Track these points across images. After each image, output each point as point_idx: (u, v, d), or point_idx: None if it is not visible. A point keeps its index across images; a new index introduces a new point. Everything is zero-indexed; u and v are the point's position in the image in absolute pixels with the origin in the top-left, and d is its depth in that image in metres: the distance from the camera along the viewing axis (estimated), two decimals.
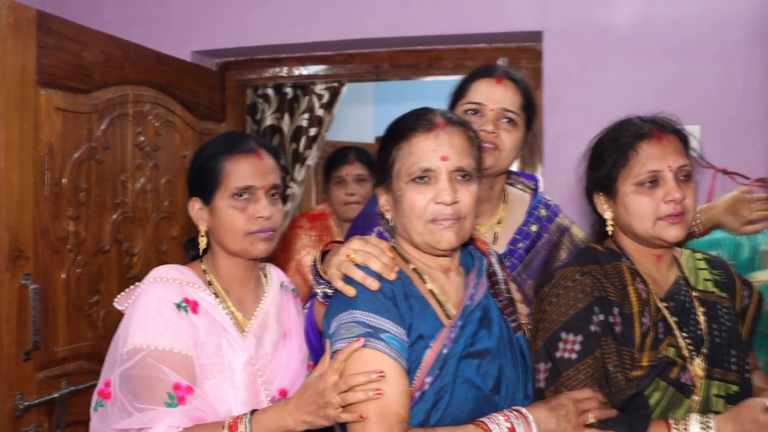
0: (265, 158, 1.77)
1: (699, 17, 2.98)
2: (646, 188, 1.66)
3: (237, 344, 1.71)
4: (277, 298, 1.87)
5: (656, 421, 1.58)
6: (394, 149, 1.56)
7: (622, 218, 1.72)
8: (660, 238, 1.68)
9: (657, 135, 1.67)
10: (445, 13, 3.22)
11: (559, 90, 3.11)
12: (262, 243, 1.75)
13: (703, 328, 1.70)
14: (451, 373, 1.49)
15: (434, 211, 1.52)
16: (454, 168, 1.52)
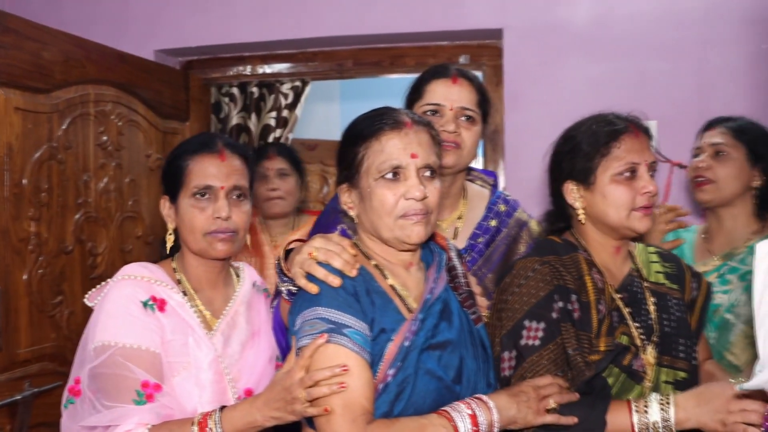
0: (228, 159, 1.78)
1: (654, 15, 3.05)
2: (625, 179, 1.72)
3: (203, 342, 1.72)
4: (248, 298, 1.88)
5: (617, 401, 1.64)
6: (361, 147, 1.58)
7: (596, 207, 1.77)
8: (632, 228, 1.74)
9: (635, 130, 1.75)
10: (408, 11, 3.25)
11: (520, 86, 3.16)
12: (220, 243, 1.76)
13: (654, 318, 1.77)
14: (412, 365, 1.52)
15: (404, 206, 1.55)
16: (422, 165, 1.57)
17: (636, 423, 1.59)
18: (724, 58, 3.00)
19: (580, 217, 1.80)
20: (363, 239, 1.67)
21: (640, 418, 1.59)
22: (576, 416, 1.60)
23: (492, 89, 3.26)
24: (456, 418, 1.48)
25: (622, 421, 1.60)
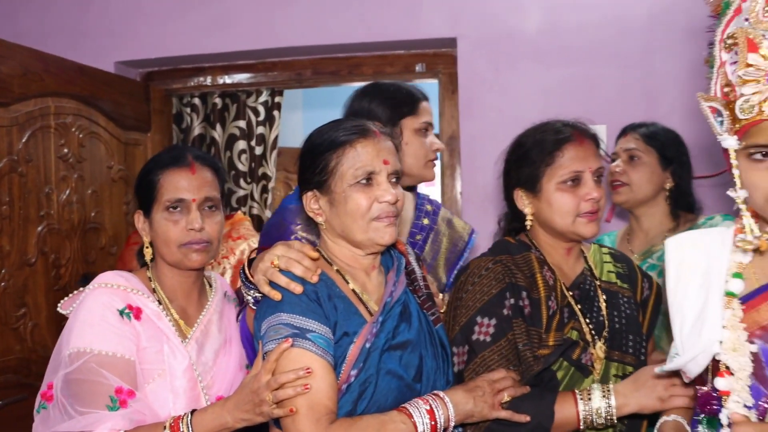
0: (199, 171, 1.83)
1: (601, 24, 3.17)
2: (569, 187, 1.80)
3: (178, 350, 1.76)
4: (221, 307, 1.93)
5: (563, 392, 1.73)
6: (333, 155, 1.64)
7: (544, 213, 1.85)
8: (577, 234, 1.82)
9: (579, 138, 1.82)
10: (364, 21, 3.33)
11: (474, 94, 3.25)
12: (195, 254, 1.81)
13: (605, 314, 1.85)
14: (374, 366, 1.59)
15: (378, 209, 1.63)
16: (392, 171, 1.66)
17: (581, 411, 1.68)
18: (667, 65, 3.13)
19: (528, 223, 1.88)
20: (327, 245, 1.73)
21: (585, 406, 1.68)
22: (526, 409, 1.68)
23: (448, 96, 3.36)
24: (414, 414, 1.56)
25: (569, 410, 1.69)
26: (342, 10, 3.34)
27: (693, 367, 1.45)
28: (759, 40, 1.30)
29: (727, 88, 1.37)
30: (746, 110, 1.32)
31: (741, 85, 1.32)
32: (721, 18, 1.39)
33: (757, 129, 1.32)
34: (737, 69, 1.33)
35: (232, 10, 3.44)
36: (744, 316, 1.41)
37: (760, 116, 1.31)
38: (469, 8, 3.26)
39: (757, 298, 1.42)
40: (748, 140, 1.34)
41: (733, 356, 1.39)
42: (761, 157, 1.33)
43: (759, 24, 1.31)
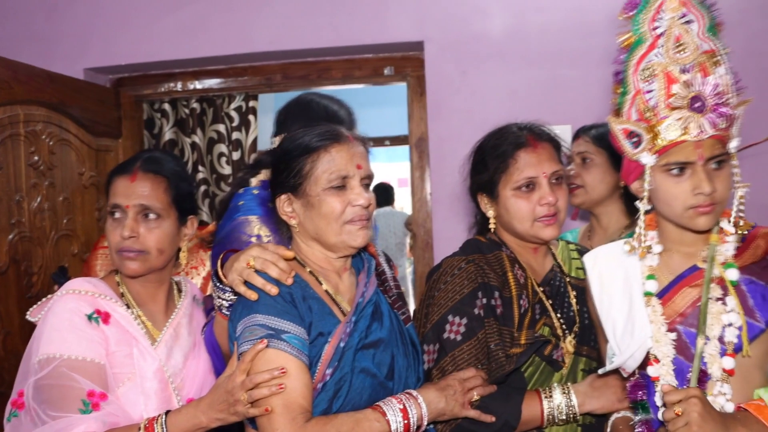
0: (140, 179, 1.81)
1: (564, 26, 3.24)
2: (524, 192, 1.85)
3: (148, 353, 1.77)
4: (190, 311, 1.94)
5: (529, 392, 1.79)
6: (308, 159, 1.68)
7: (503, 218, 1.91)
8: (537, 237, 1.87)
9: (533, 143, 1.86)
10: (333, 26, 3.37)
11: (442, 96, 3.31)
12: (128, 262, 1.80)
13: (575, 310, 1.91)
14: (348, 364, 1.64)
15: (351, 212, 1.68)
16: (365, 175, 1.71)
17: (546, 408, 1.75)
18: None
19: (492, 226, 1.93)
20: (299, 247, 1.76)
21: (548, 404, 1.75)
22: (495, 408, 1.73)
23: (416, 99, 3.41)
24: (388, 412, 1.60)
25: (534, 408, 1.76)
26: (311, 16, 3.38)
27: (632, 363, 1.62)
28: (676, 73, 1.53)
29: (648, 113, 1.55)
30: (671, 132, 1.53)
31: (668, 111, 1.52)
32: (633, 51, 1.58)
33: (678, 149, 1.53)
34: (660, 97, 1.53)
35: (202, 15, 3.46)
36: (663, 309, 1.62)
37: (682, 137, 1.52)
38: (435, 12, 3.32)
39: (670, 292, 1.64)
40: (669, 158, 1.55)
41: (657, 346, 1.60)
42: (679, 173, 1.55)
43: (672, 59, 1.53)
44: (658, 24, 1.56)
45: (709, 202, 1.53)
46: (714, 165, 1.54)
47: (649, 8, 1.57)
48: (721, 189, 1.54)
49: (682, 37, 1.54)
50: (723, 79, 1.54)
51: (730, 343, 1.54)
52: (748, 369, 1.56)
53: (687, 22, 1.55)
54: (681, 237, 1.65)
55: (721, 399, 1.54)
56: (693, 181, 1.53)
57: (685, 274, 1.64)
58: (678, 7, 1.55)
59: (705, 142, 1.52)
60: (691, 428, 1.42)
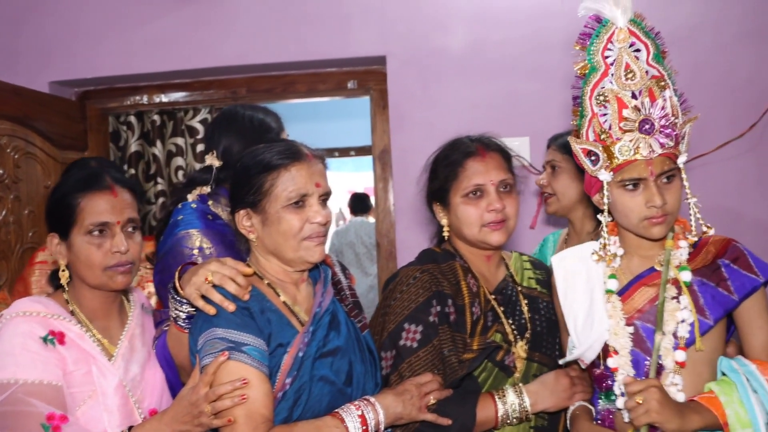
0: (120, 194, 1.83)
1: (522, 40, 3.33)
2: (472, 199, 1.93)
3: (107, 369, 1.77)
4: (141, 320, 1.95)
5: (483, 394, 1.86)
6: (268, 177, 1.73)
7: (454, 225, 1.99)
8: (485, 242, 1.94)
9: (482, 153, 1.95)
10: (297, 40, 3.43)
11: (404, 109, 3.38)
12: (120, 276, 1.82)
13: (527, 318, 1.99)
14: (307, 373, 1.70)
15: (309, 230, 1.73)
16: (323, 193, 1.77)
17: (500, 409, 1.83)
18: None
19: (445, 234, 2.01)
20: (258, 260, 1.81)
21: (502, 405, 1.83)
22: (450, 411, 1.80)
23: (379, 112, 3.49)
24: (347, 419, 1.66)
25: (489, 410, 1.83)
26: (276, 31, 3.44)
27: (590, 354, 1.78)
28: (627, 99, 1.68)
29: (604, 135, 1.70)
30: (624, 152, 1.68)
31: (621, 133, 1.68)
32: (588, 78, 1.73)
33: (632, 166, 1.69)
34: (613, 121, 1.68)
35: (168, 30, 3.49)
36: (622, 306, 1.77)
37: (634, 157, 1.68)
38: (397, 28, 3.40)
39: (630, 290, 1.80)
40: (624, 175, 1.70)
41: (616, 339, 1.75)
42: (633, 188, 1.70)
43: (623, 86, 1.69)
44: (609, 53, 1.71)
45: (661, 213, 1.69)
46: (665, 179, 1.70)
47: (600, 39, 1.72)
48: (671, 201, 1.70)
49: (631, 65, 1.69)
50: (669, 101, 1.69)
51: (683, 337, 1.69)
52: (698, 362, 1.71)
53: (635, 50, 1.70)
54: (639, 243, 1.80)
55: (673, 389, 1.68)
56: (646, 195, 1.69)
57: (643, 275, 1.79)
58: (627, 37, 1.70)
59: (655, 159, 1.67)
60: (650, 415, 1.57)
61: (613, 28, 1.71)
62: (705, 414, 1.62)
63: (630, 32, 1.70)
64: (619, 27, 1.70)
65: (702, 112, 3.17)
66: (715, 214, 3.12)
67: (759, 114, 3.11)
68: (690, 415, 1.61)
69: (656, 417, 1.57)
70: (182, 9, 3.49)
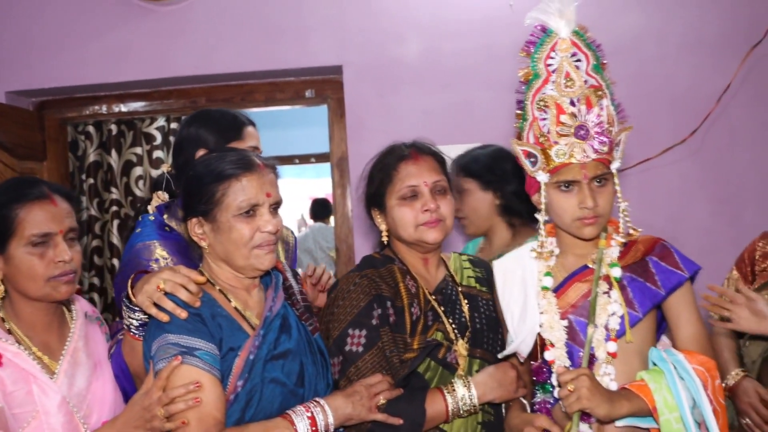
0: (59, 203, 1.82)
1: (474, 51, 3.43)
2: (407, 201, 1.99)
3: (48, 388, 1.74)
4: (84, 331, 1.91)
5: (432, 390, 1.91)
6: (220, 187, 1.76)
7: (392, 228, 2.04)
8: (422, 241, 2.00)
9: (414, 156, 2.02)
10: (255, 50, 3.49)
11: (361, 117, 3.46)
12: (64, 286, 1.80)
13: (467, 316, 2.03)
14: (258, 375, 1.74)
15: (259, 238, 1.77)
16: (273, 202, 1.81)
17: (449, 403, 1.88)
18: None
19: (384, 239, 2.07)
20: (210, 267, 1.85)
21: (452, 399, 1.88)
22: (401, 409, 1.84)
23: (336, 120, 3.57)
24: (296, 420, 1.71)
25: (438, 405, 1.88)
26: (235, 41, 3.49)
27: (524, 347, 1.89)
28: (565, 105, 1.78)
29: (542, 138, 1.80)
30: (560, 155, 1.79)
31: (557, 137, 1.78)
32: (531, 84, 1.84)
33: (567, 169, 1.79)
34: (552, 125, 1.78)
35: (127, 40, 3.52)
36: (557, 301, 1.88)
37: (569, 160, 1.78)
38: (353, 38, 3.47)
39: (564, 286, 1.90)
40: (559, 177, 1.80)
41: (551, 332, 1.85)
42: (567, 189, 1.81)
43: (562, 93, 1.79)
44: (551, 62, 1.82)
45: (593, 214, 1.79)
46: (597, 183, 1.80)
47: (544, 48, 1.83)
48: (602, 203, 1.80)
49: (571, 73, 1.79)
50: (606, 110, 1.79)
51: (614, 329, 1.80)
52: (628, 353, 1.81)
53: (576, 60, 1.81)
54: (574, 242, 1.90)
55: (606, 378, 1.78)
56: (579, 197, 1.79)
57: (577, 272, 1.89)
58: (569, 47, 1.81)
59: (589, 163, 1.78)
60: (581, 401, 1.66)
61: (556, 38, 1.81)
62: (635, 400, 1.71)
63: (572, 43, 1.81)
64: (562, 37, 1.81)
65: (646, 119, 3.37)
66: (659, 215, 3.30)
67: (699, 120, 3.26)
68: (619, 400, 1.70)
69: (587, 403, 1.66)
70: (141, 19, 3.52)
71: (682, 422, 1.69)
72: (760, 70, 3.30)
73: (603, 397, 1.68)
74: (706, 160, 3.35)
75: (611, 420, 1.71)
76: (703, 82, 3.33)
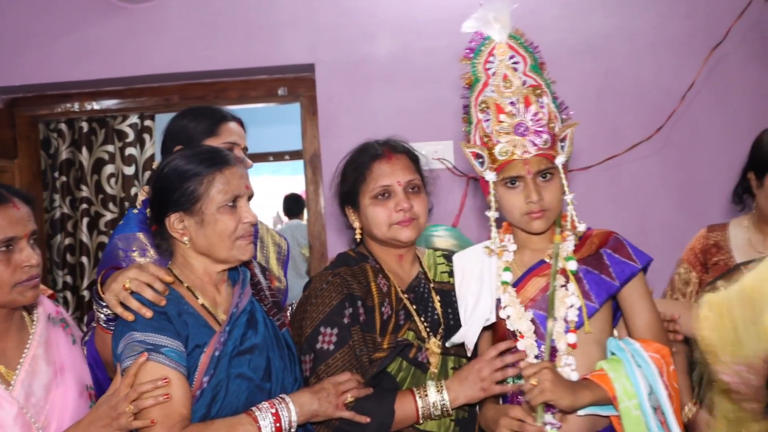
0: (20, 207, 1.80)
1: (445, 49, 3.44)
2: (380, 200, 2.01)
3: (4, 399, 1.72)
4: (45, 336, 1.88)
5: (402, 391, 1.91)
6: (204, 180, 1.80)
7: (366, 226, 2.06)
8: (395, 239, 2.02)
9: (388, 155, 2.03)
10: (229, 48, 3.51)
11: (333, 114, 3.49)
12: (30, 291, 1.79)
13: (439, 313, 2.04)
14: (224, 371, 1.77)
15: (242, 229, 1.82)
16: (251, 194, 1.89)
17: (420, 406, 1.88)
18: None
19: (358, 236, 2.09)
20: (183, 262, 1.87)
21: (422, 402, 1.89)
22: (369, 408, 1.85)
23: (309, 118, 3.60)
24: (259, 417, 1.74)
25: (408, 407, 1.88)
26: (208, 39, 3.50)
27: (471, 336, 1.94)
28: (504, 105, 1.86)
29: (486, 138, 1.87)
30: (503, 153, 1.85)
31: (498, 136, 1.85)
32: (473, 88, 1.93)
33: (510, 166, 1.85)
34: (493, 125, 1.85)
35: (100, 38, 3.52)
36: (517, 295, 1.92)
37: (511, 157, 1.84)
38: (325, 36, 3.50)
39: (522, 281, 1.95)
40: (504, 174, 1.87)
41: (520, 323, 1.90)
42: (513, 185, 1.87)
43: (501, 94, 1.87)
44: (490, 66, 1.90)
45: (539, 208, 1.84)
46: (542, 178, 1.86)
47: (482, 53, 1.92)
48: (548, 197, 1.86)
49: (509, 75, 1.87)
50: (547, 107, 1.86)
51: (572, 321, 1.85)
52: (587, 343, 1.87)
53: (514, 63, 1.88)
54: (529, 238, 1.96)
55: (567, 369, 1.83)
56: (525, 192, 1.85)
57: (534, 267, 1.94)
58: (506, 51, 1.88)
59: (531, 159, 1.84)
60: (545, 394, 1.71)
61: (494, 43, 1.89)
62: (595, 390, 1.77)
63: (509, 46, 1.88)
64: (499, 42, 1.88)
65: (614, 116, 3.45)
66: (627, 210, 3.38)
67: (665, 118, 3.33)
68: (581, 391, 1.75)
69: (550, 395, 1.71)
70: (114, 16, 3.52)
71: (641, 409, 1.75)
72: (721, 69, 3.38)
73: (565, 388, 1.73)
74: (671, 156, 3.43)
75: (574, 410, 1.77)
76: (668, 81, 3.40)
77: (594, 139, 3.33)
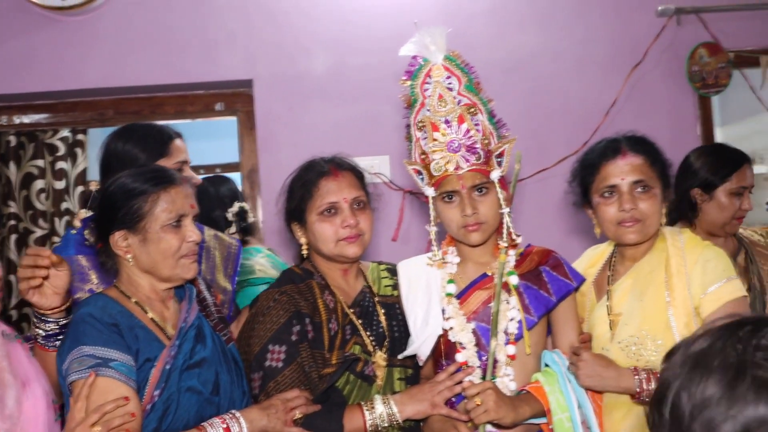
0: None
1: (380, 65, 3.53)
2: (327, 216, 2.03)
3: None
4: (5, 350, 1.84)
5: (351, 406, 1.95)
6: (149, 199, 1.82)
7: (312, 242, 2.08)
8: (342, 256, 2.05)
9: (334, 172, 2.06)
10: (165, 63, 3.49)
11: (271, 130, 3.52)
12: None
13: (384, 327, 2.08)
14: (175, 384, 1.79)
15: (186, 248, 1.85)
16: (195, 213, 1.90)
17: (368, 420, 1.92)
18: None
19: (304, 252, 2.11)
20: (129, 280, 1.88)
21: (370, 415, 1.92)
22: (318, 424, 1.88)
23: (246, 133, 3.61)
24: None
25: (356, 420, 1.91)
26: (143, 53, 3.48)
27: (424, 349, 1.99)
28: (438, 123, 1.94)
29: (423, 155, 1.97)
30: (437, 169, 1.94)
31: (432, 153, 1.93)
32: (412, 108, 2.02)
33: (446, 181, 1.94)
34: (429, 143, 1.94)
35: (31, 50, 3.45)
36: (460, 307, 2.00)
37: (445, 173, 1.93)
38: (263, 52, 3.53)
39: (465, 294, 2.03)
40: (441, 189, 1.95)
41: (461, 335, 1.97)
42: (449, 200, 1.96)
43: (436, 113, 1.95)
44: (427, 87, 1.99)
45: (474, 221, 1.94)
46: (478, 192, 1.95)
47: (420, 75, 2.00)
48: (484, 210, 1.95)
49: (444, 95, 1.96)
50: (481, 124, 1.95)
51: (512, 333, 1.94)
52: (525, 355, 1.96)
53: (449, 83, 1.96)
54: (471, 251, 2.04)
55: (506, 379, 1.94)
56: (460, 206, 1.94)
57: (477, 280, 2.03)
58: (442, 72, 1.97)
59: (465, 174, 1.93)
60: (489, 414, 1.81)
61: (430, 65, 1.97)
62: (533, 404, 1.88)
63: (445, 68, 1.96)
64: (435, 64, 1.96)
65: (542, 131, 3.60)
66: (556, 223, 3.51)
67: (590, 133, 3.50)
68: (522, 406, 1.86)
69: (494, 415, 1.81)
70: (45, 29, 3.46)
71: (572, 421, 1.88)
72: (641, 87, 3.60)
73: (508, 406, 1.83)
74: None
75: (515, 426, 1.88)
76: (593, 97, 3.58)
77: (524, 154, 3.42)
